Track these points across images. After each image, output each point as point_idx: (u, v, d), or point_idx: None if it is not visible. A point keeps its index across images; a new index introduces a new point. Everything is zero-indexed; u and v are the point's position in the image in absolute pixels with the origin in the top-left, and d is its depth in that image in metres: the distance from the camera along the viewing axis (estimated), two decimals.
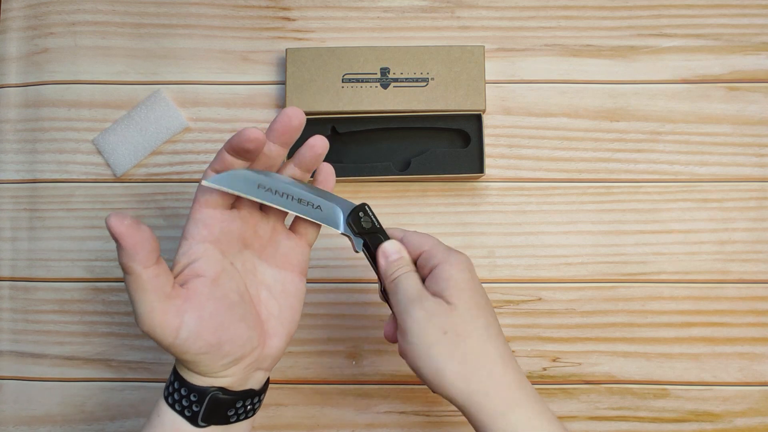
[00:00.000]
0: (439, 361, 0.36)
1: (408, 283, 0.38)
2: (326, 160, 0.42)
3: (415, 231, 0.41)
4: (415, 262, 0.40)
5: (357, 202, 0.56)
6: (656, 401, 0.54)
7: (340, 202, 0.41)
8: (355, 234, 0.41)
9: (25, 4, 0.58)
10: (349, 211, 0.41)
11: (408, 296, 0.38)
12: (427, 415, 0.54)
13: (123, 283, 0.55)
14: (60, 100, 0.57)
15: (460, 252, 0.40)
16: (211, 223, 0.37)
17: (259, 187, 0.38)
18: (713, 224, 0.55)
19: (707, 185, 0.55)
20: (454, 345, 0.36)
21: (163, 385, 0.37)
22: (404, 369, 0.54)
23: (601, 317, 0.54)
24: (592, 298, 0.55)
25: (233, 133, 0.33)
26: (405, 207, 0.56)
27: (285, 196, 0.39)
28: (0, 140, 0.57)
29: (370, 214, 0.42)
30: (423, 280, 0.39)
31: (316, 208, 0.40)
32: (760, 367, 0.54)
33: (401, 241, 0.41)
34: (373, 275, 0.55)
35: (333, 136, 0.55)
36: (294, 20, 0.58)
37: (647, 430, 0.53)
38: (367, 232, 0.41)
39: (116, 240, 0.32)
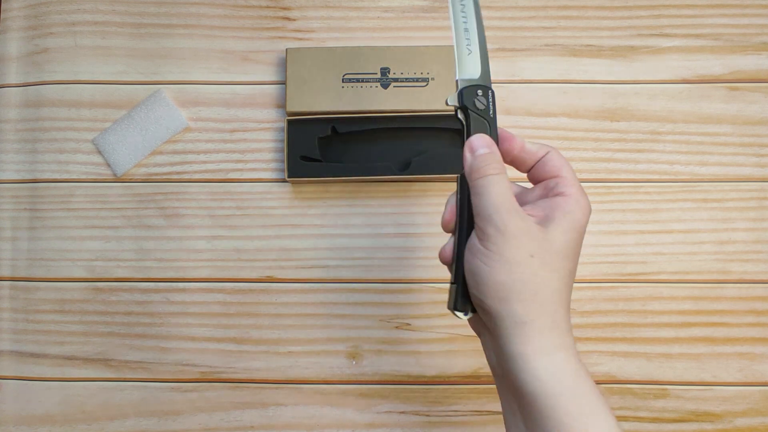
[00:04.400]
0: (514, 282, 0.34)
1: (502, 186, 0.36)
2: (327, 159, 0.42)
3: (559, 154, 0.39)
4: (540, 181, 0.39)
5: (358, 202, 0.56)
6: (656, 401, 0.54)
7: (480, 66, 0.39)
8: (460, 108, 0.38)
9: (25, 4, 0.58)
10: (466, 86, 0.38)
11: (501, 201, 0.35)
12: (427, 415, 0.54)
13: (123, 283, 0.55)
14: (60, 100, 0.57)
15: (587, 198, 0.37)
16: None
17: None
18: (713, 224, 0.55)
19: (707, 185, 0.55)
20: (533, 274, 0.34)
21: (162, 385, 0.36)
22: (404, 369, 0.54)
23: (601, 317, 0.54)
24: (592, 298, 0.55)
25: (234, 134, 0.32)
26: (405, 207, 0.56)
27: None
28: (0, 140, 0.57)
29: (490, 100, 0.38)
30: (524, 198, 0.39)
31: (470, 54, 0.39)
32: (760, 367, 0.54)
33: (545, 157, 0.38)
34: (374, 275, 0.55)
35: (333, 136, 0.55)
36: (294, 20, 0.58)
37: (647, 430, 0.53)
38: (478, 115, 0.38)
39: None
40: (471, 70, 0.39)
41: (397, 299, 0.55)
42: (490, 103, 0.38)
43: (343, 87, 0.54)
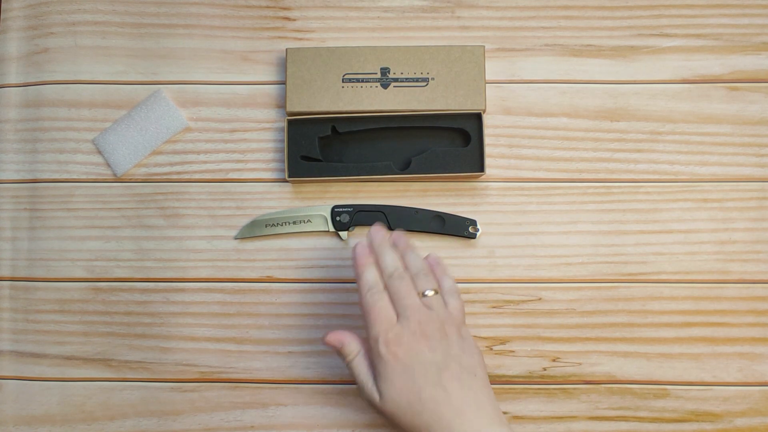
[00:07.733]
0: None
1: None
2: (327, 159, 0.42)
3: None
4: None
5: (355, 202, 0.56)
6: (656, 401, 0.54)
7: (320, 208, 0.54)
8: (342, 230, 0.54)
9: (25, 4, 0.58)
10: (330, 212, 0.54)
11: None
12: None
13: (123, 283, 0.55)
14: (60, 100, 0.57)
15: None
16: None
17: (266, 226, 0.55)
18: (713, 224, 0.55)
19: (707, 185, 0.55)
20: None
21: (162, 385, 0.36)
22: None
23: (601, 317, 0.54)
24: (592, 298, 0.55)
25: (234, 134, 0.32)
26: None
27: (284, 224, 0.54)
28: (0, 140, 0.57)
29: (341, 211, 0.54)
30: None
31: (308, 222, 0.54)
32: (760, 367, 0.54)
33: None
34: None
35: (333, 136, 0.55)
36: (294, 20, 0.58)
37: (647, 430, 0.53)
38: (351, 222, 0.54)
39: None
40: (322, 220, 0.54)
41: None
42: (344, 211, 0.54)
43: (343, 87, 0.54)
